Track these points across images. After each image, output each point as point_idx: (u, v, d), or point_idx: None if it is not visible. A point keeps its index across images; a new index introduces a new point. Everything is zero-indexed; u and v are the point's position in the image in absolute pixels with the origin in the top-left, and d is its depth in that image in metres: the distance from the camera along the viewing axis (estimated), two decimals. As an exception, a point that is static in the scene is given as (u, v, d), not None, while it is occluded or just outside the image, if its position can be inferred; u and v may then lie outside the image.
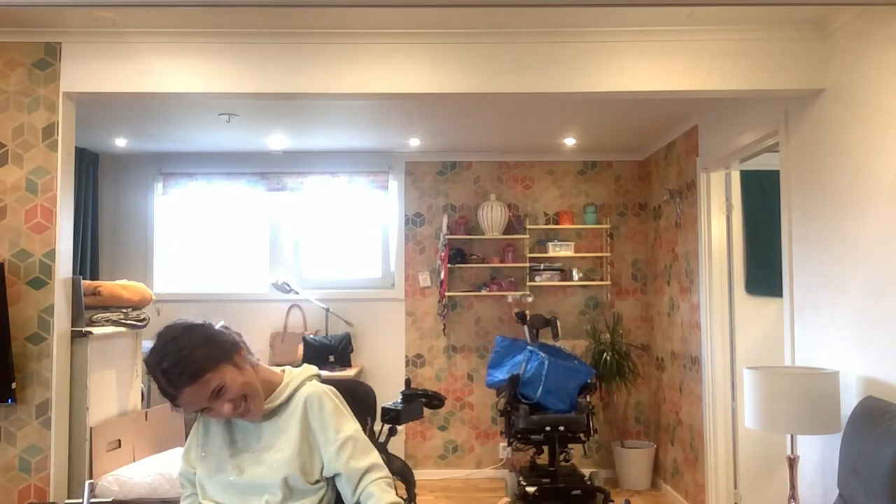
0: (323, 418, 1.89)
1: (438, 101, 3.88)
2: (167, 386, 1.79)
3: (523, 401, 4.75)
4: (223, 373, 1.81)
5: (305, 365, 2.04)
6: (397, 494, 1.87)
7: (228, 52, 3.28)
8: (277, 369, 2.01)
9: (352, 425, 1.92)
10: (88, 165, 5.64)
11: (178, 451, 3.72)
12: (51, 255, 3.25)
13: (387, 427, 3.42)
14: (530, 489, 4.60)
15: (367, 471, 1.86)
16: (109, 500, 3.27)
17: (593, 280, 5.88)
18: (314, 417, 1.89)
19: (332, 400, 1.93)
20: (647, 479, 5.53)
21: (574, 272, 5.83)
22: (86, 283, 3.56)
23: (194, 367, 1.78)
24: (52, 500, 3.18)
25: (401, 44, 3.29)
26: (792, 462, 3.06)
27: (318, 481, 1.88)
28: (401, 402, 3.52)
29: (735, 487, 4.40)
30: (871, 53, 2.88)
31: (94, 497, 3.27)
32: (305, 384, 1.96)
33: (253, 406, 1.86)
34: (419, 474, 5.51)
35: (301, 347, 5.53)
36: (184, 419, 4.15)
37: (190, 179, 5.92)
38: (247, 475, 1.86)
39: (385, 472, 1.89)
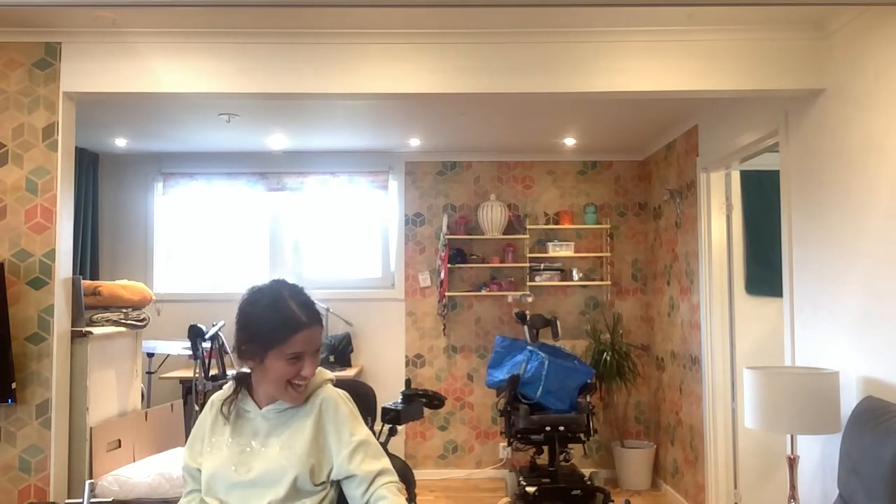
0: (338, 421, 1.91)
1: (438, 101, 3.89)
2: (303, 315, 1.86)
3: (523, 401, 4.75)
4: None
5: (320, 368, 2.05)
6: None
7: (228, 52, 3.28)
8: None
9: (364, 430, 1.95)
10: (88, 165, 5.64)
11: (178, 452, 3.72)
12: (51, 255, 3.25)
13: (387, 427, 3.42)
14: (530, 489, 4.60)
15: (378, 474, 1.88)
16: (109, 500, 3.27)
17: (593, 280, 5.88)
18: (329, 420, 1.91)
19: (347, 405, 1.97)
20: (647, 479, 5.53)
21: (574, 272, 5.83)
22: (86, 283, 3.56)
23: (321, 315, 1.93)
24: (52, 500, 3.18)
25: (401, 44, 3.29)
26: (792, 462, 3.06)
27: (322, 483, 1.88)
28: (401, 402, 3.51)
29: (735, 487, 4.40)
30: (871, 53, 2.88)
31: (94, 497, 3.27)
32: (322, 387, 1.98)
33: (308, 388, 1.93)
34: (419, 474, 5.51)
35: (301, 347, 5.52)
36: (183, 419, 4.15)
37: (190, 179, 5.92)
38: (254, 473, 1.86)
39: (395, 476, 1.92)
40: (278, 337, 1.83)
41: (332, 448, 1.90)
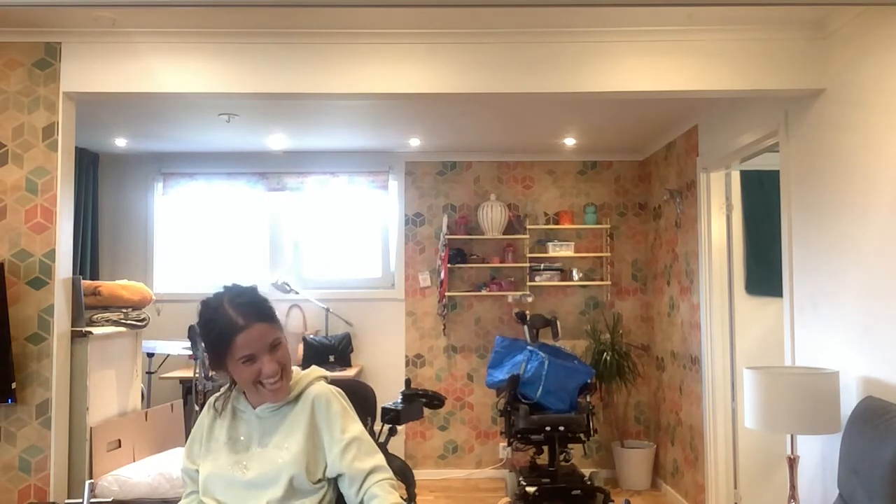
0: (330, 418, 1.90)
1: (438, 101, 3.88)
2: (238, 318, 1.83)
3: (523, 401, 4.75)
4: (282, 334, 1.91)
5: (314, 367, 2.06)
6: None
7: (228, 52, 3.28)
8: None
9: (357, 427, 1.93)
10: (88, 165, 5.64)
11: (178, 452, 3.72)
12: (51, 255, 3.25)
13: (387, 427, 3.42)
14: (530, 489, 4.60)
15: (370, 472, 1.87)
16: (109, 500, 3.27)
17: (593, 280, 5.87)
18: (321, 417, 1.91)
19: (340, 401, 1.95)
20: (647, 479, 5.53)
21: (574, 272, 5.83)
22: (86, 283, 3.56)
23: (270, 310, 1.90)
24: (52, 500, 3.18)
25: (401, 44, 3.29)
26: (792, 462, 3.06)
27: (319, 481, 1.88)
28: (401, 402, 3.51)
29: (735, 487, 4.40)
30: (871, 53, 2.88)
31: (94, 497, 3.27)
32: (314, 384, 1.97)
33: (285, 383, 1.89)
34: (419, 474, 5.51)
35: (301, 347, 5.53)
36: (183, 419, 4.15)
37: (190, 179, 5.91)
38: (251, 473, 1.86)
39: (389, 473, 1.90)
40: (222, 345, 1.84)
41: (325, 445, 1.89)
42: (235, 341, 1.82)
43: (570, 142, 5.49)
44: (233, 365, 1.86)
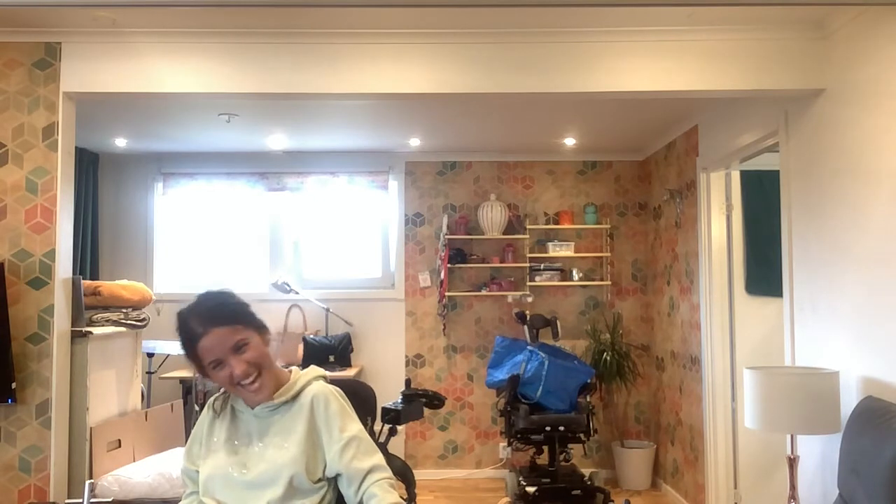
0: (329, 417, 1.90)
1: (438, 101, 3.88)
2: (197, 326, 1.85)
3: (523, 401, 4.75)
4: (251, 333, 1.90)
5: (312, 366, 2.06)
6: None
7: (228, 52, 3.28)
8: (285, 369, 2.03)
9: (356, 426, 1.93)
10: (88, 165, 5.64)
11: (178, 451, 3.72)
12: (51, 255, 3.25)
13: (387, 427, 3.42)
14: (530, 489, 4.60)
15: (369, 471, 1.87)
16: (109, 500, 3.27)
17: (593, 280, 5.87)
18: (320, 416, 1.91)
19: (339, 400, 1.95)
20: (647, 479, 5.53)
21: (574, 272, 5.83)
22: (86, 283, 3.56)
23: (231, 312, 1.90)
24: (52, 500, 3.18)
25: (401, 44, 3.29)
26: (792, 462, 3.06)
27: (319, 480, 1.88)
28: (401, 402, 3.51)
29: (735, 487, 4.40)
30: (871, 53, 2.88)
31: (94, 497, 3.26)
32: (312, 383, 1.97)
33: (265, 382, 1.89)
34: (419, 474, 5.50)
35: (301, 347, 5.52)
36: (183, 419, 4.15)
37: (190, 179, 5.91)
38: (251, 473, 1.86)
39: (388, 472, 1.90)
40: (192, 355, 1.88)
41: (324, 444, 1.89)
42: (198, 349, 1.86)
43: (570, 142, 5.50)
44: (208, 371, 1.89)
